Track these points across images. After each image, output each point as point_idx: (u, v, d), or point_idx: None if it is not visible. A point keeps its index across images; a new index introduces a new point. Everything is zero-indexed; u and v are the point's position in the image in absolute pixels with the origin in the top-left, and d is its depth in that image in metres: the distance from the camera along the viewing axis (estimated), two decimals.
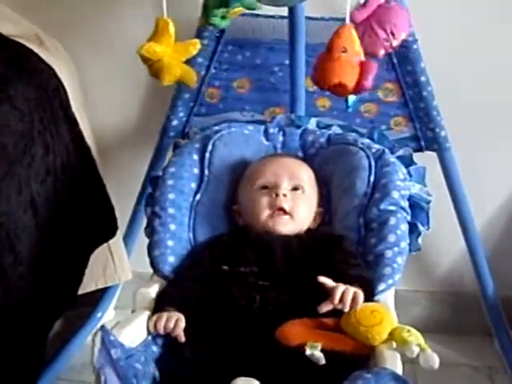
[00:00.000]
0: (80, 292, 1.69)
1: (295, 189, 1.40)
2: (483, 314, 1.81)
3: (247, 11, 1.36)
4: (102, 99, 1.85)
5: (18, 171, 1.42)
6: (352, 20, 1.33)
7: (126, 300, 1.98)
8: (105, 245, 1.74)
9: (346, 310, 1.18)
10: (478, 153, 1.77)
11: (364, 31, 1.35)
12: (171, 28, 1.39)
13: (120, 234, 1.78)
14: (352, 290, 1.18)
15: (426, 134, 1.65)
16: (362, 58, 1.31)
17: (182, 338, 1.18)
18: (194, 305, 1.25)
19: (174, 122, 1.71)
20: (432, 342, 1.86)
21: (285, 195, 1.37)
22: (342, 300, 1.17)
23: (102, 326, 1.11)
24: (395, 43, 1.37)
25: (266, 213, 1.37)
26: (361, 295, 1.19)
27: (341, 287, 1.18)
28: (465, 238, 1.74)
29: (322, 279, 1.20)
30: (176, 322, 1.19)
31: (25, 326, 1.47)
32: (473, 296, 1.83)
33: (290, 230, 1.37)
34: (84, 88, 1.75)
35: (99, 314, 1.92)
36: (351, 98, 1.60)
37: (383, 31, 1.35)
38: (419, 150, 1.66)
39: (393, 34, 1.35)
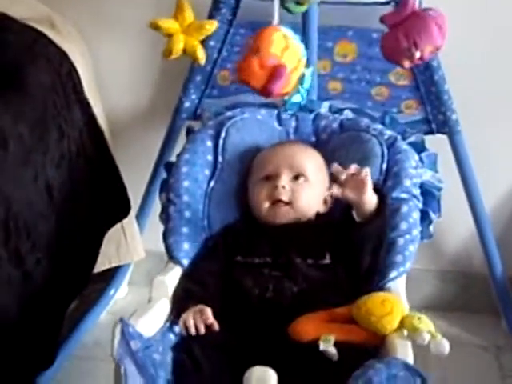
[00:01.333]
0: (93, 271, 1.72)
1: (297, 177, 1.39)
2: (491, 294, 1.83)
3: None
4: (114, 81, 1.86)
5: (34, 158, 1.44)
6: (383, 22, 1.31)
7: (139, 276, 2.03)
8: (118, 224, 1.77)
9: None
10: (489, 136, 1.78)
11: (390, 37, 1.33)
12: (187, 6, 1.38)
13: (133, 213, 1.80)
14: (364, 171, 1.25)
15: (436, 118, 1.65)
16: (283, 61, 1.24)
17: (216, 326, 1.20)
18: (217, 300, 1.27)
19: (187, 104, 1.71)
20: (441, 320, 1.92)
21: (283, 187, 1.37)
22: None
23: (121, 319, 1.13)
24: (418, 55, 1.32)
25: (265, 204, 1.38)
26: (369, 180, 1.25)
27: (355, 166, 1.26)
28: (474, 220, 1.75)
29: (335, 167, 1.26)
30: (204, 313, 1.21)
31: (42, 308, 1.49)
32: (482, 276, 1.85)
33: (292, 219, 1.38)
34: (96, 69, 1.76)
35: (112, 292, 1.95)
36: (290, 99, 1.46)
37: (406, 40, 1.31)
38: (430, 132, 1.66)
39: (416, 46, 1.31)
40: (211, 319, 1.20)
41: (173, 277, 1.32)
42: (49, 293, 1.51)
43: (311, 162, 1.43)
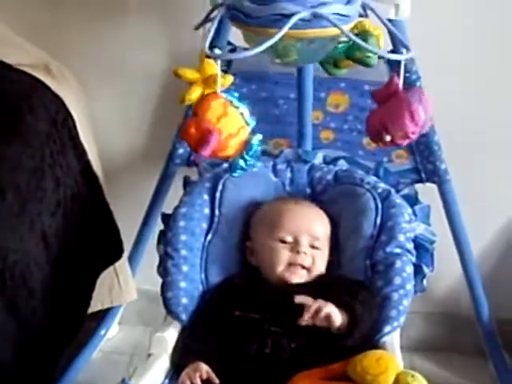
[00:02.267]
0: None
1: (313, 246, 1.42)
2: (479, 336, 1.85)
3: None
4: (109, 125, 1.87)
5: (30, 208, 1.45)
6: (372, 98, 1.34)
7: (130, 315, 2.04)
8: (111, 267, 1.78)
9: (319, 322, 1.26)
10: (476, 183, 1.82)
11: (372, 114, 1.33)
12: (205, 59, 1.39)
13: (126, 254, 1.81)
14: (327, 309, 1.27)
15: (426, 167, 1.68)
16: (218, 127, 1.23)
17: (216, 380, 1.24)
18: (215, 356, 1.29)
19: (180, 150, 1.73)
20: (428, 362, 1.95)
21: (305, 253, 1.40)
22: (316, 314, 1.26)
23: (123, 380, 1.15)
24: (388, 138, 1.30)
25: (282, 266, 1.40)
26: (337, 315, 1.27)
27: (317, 302, 1.27)
28: (462, 264, 1.78)
29: (299, 299, 1.28)
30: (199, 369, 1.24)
31: (37, 354, 1.50)
32: (468, 318, 1.87)
33: (304, 280, 1.41)
34: (92, 114, 1.77)
35: (103, 332, 1.95)
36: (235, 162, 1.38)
37: (379, 123, 1.30)
38: (420, 181, 1.69)
39: (386, 130, 1.29)
40: (206, 375, 1.23)
41: (172, 332, 1.34)
42: (43, 339, 1.52)
43: (323, 228, 1.46)
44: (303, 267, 1.40)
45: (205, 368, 1.24)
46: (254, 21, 1.26)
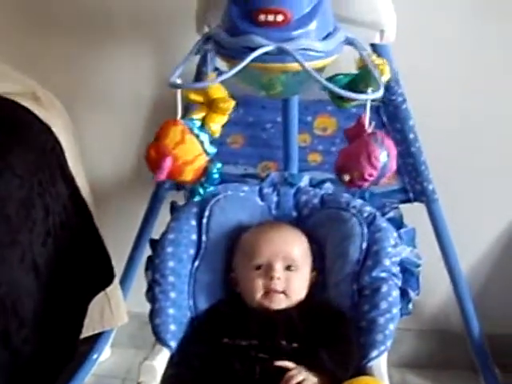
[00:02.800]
0: None
1: (289, 267, 1.43)
2: (469, 352, 1.87)
3: None
4: (98, 151, 1.89)
5: (20, 238, 1.46)
6: (344, 135, 1.36)
7: (122, 338, 2.06)
8: (102, 292, 1.79)
9: None
10: (463, 200, 1.83)
11: (341, 151, 1.35)
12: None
13: (117, 279, 1.82)
14: (299, 378, 1.26)
15: (414, 187, 1.70)
16: (174, 153, 1.27)
17: None
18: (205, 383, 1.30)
19: None
20: (420, 378, 1.97)
21: (279, 278, 1.41)
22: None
23: None
24: (346, 178, 1.32)
25: (259, 293, 1.41)
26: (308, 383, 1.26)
27: (291, 373, 1.26)
28: (451, 281, 1.80)
29: (279, 363, 1.28)
30: None
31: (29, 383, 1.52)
32: (459, 334, 1.89)
33: (286, 306, 1.41)
34: (80, 140, 1.79)
35: (95, 356, 1.96)
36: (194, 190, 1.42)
37: (341, 161, 1.33)
38: (408, 201, 1.71)
39: (345, 169, 1.31)
40: None
41: (160, 360, 1.34)
42: (36, 367, 1.53)
43: (300, 249, 1.46)
44: (280, 292, 1.41)
45: None
46: (227, 52, 1.30)
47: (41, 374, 1.55)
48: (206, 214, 1.50)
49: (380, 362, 1.35)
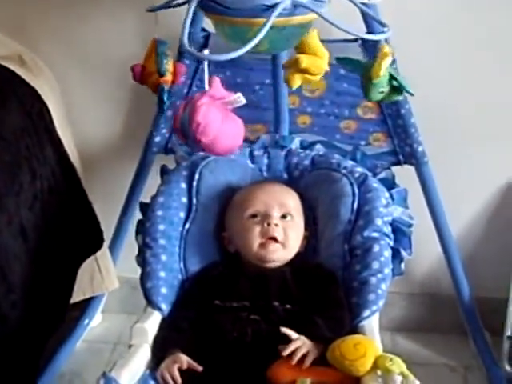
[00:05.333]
0: None
1: (284, 216, 1.43)
2: (459, 315, 1.87)
3: None
4: (85, 115, 1.86)
5: (7, 202, 1.44)
6: None
7: (112, 304, 2.05)
8: (92, 256, 1.78)
9: (293, 363, 1.23)
10: (454, 163, 1.82)
11: None
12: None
13: (106, 243, 1.81)
14: (304, 349, 1.24)
15: (404, 150, 1.68)
16: None
17: (198, 368, 1.25)
18: (194, 345, 1.29)
19: (157, 139, 1.72)
20: (410, 341, 1.98)
21: (276, 224, 1.40)
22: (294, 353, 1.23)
23: (104, 373, 1.15)
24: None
25: (257, 242, 1.40)
26: (311, 355, 1.24)
27: (296, 344, 1.24)
28: (441, 244, 1.80)
29: (284, 330, 1.26)
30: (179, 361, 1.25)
31: (19, 348, 1.50)
32: (449, 298, 1.89)
33: (281, 258, 1.41)
34: (67, 104, 1.77)
35: (86, 321, 1.96)
36: None
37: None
38: (398, 163, 1.70)
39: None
40: (186, 365, 1.24)
41: (152, 323, 1.33)
42: (25, 332, 1.51)
43: (295, 201, 1.46)
44: (277, 241, 1.40)
45: (184, 358, 1.25)
46: (233, 12, 1.27)
47: (29, 340, 1.54)
48: (196, 176, 1.49)
49: (372, 322, 1.35)
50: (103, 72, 1.81)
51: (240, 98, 1.30)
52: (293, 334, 1.26)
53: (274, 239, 1.40)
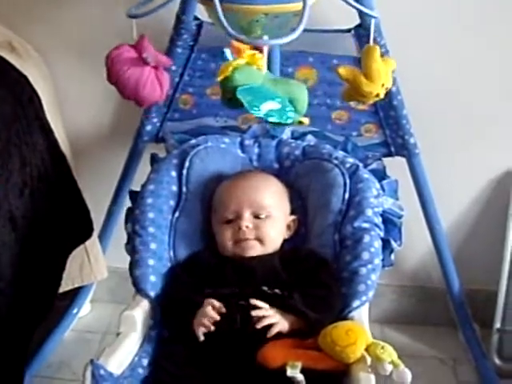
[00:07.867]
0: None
1: (258, 215, 1.42)
2: (449, 308, 1.88)
3: None
4: (76, 102, 1.85)
5: None
6: None
7: (101, 293, 2.04)
8: (81, 245, 1.77)
9: (258, 327, 1.25)
10: (446, 156, 1.83)
11: None
12: None
13: (96, 232, 1.80)
14: (271, 319, 1.26)
15: (395, 141, 1.68)
16: None
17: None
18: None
19: (148, 127, 1.71)
20: (399, 333, 1.98)
21: (247, 227, 1.40)
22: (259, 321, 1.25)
23: (92, 360, 1.14)
24: None
25: (230, 243, 1.41)
26: (277, 326, 1.26)
27: (262, 312, 1.26)
28: (432, 237, 1.80)
29: (254, 302, 1.27)
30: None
31: (7, 336, 1.50)
32: (439, 290, 1.90)
33: (261, 251, 1.41)
34: (58, 92, 1.76)
35: (75, 311, 1.95)
36: None
37: None
38: (389, 155, 1.69)
39: None
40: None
41: (140, 311, 1.33)
42: (13, 321, 1.51)
43: (271, 195, 1.45)
44: (252, 239, 1.40)
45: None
46: None
47: (17, 328, 1.53)
48: (186, 165, 1.48)
49: (361, 312, 1.35)
50: (94, 59, 1.79)
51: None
52: (262, 305, 1.27)
53: (247, 239, 1.40)
